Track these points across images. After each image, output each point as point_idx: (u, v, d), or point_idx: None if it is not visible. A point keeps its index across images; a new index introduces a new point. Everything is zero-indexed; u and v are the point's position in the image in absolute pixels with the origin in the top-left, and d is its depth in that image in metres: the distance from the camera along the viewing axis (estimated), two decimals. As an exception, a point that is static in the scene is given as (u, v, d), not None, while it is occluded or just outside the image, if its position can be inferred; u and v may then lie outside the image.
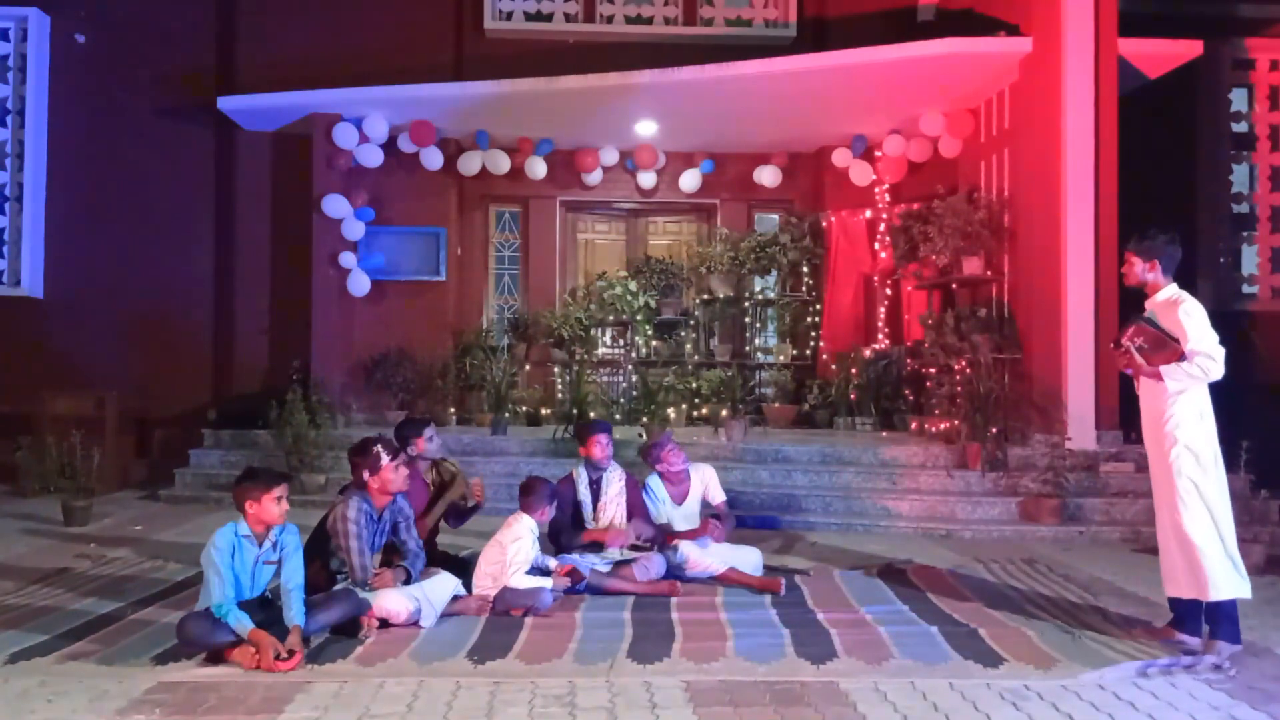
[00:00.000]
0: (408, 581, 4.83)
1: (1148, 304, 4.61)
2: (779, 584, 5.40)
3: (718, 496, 5.98)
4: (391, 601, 4.64)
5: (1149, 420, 4.54)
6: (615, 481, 5.71)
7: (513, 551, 5.00)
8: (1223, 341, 4.39)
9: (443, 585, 4.88)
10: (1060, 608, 5.10)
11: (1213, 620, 4.38)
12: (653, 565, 5.47)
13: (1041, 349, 8.39)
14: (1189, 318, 4.40)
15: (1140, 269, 4.59)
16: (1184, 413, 4.40)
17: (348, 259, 10.18)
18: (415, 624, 4.67)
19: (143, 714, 3.56)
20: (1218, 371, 4.37)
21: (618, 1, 11.05)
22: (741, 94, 9.42)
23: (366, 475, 4.83)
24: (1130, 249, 4.64)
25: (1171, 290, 4.56)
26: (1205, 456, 4.39)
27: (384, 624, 4.62)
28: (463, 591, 5.00)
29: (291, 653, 4.03)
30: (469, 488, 5.71)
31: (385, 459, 4.84)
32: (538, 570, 5.13)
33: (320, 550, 4.79)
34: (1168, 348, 4.41)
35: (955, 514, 7.53)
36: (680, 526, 5.84)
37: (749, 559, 5.75)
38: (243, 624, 4.05)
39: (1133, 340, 4.50)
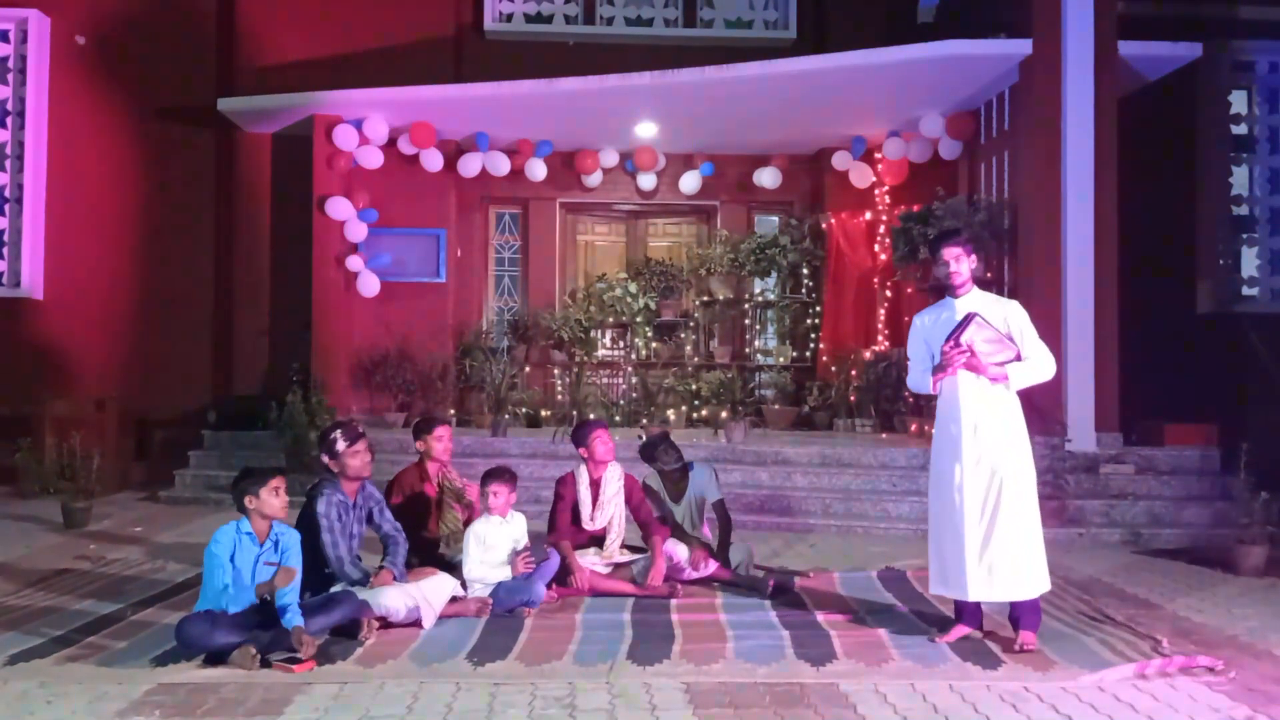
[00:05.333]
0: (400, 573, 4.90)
1: (962, 303, 4.51)
2: (769, 585, 5.42)
3: (713, 495, 5.99)
4: (390, 599, 4.66)
5: (998, 422, 4.43)
6: (614, 481, 5.68)
7: (465, 543, 5.08)
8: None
9: (441, 585, 4.89)
10: (1060, 609, 5.09)
11: (1032, 610, 4.46)
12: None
13: (1041, 350, 8.38)
14: (1024, 317, 4.49)
15: (968, 265, 4.50)
16: (1019, 413, 4.50)
17: (351, 261, 10.18)
18: (416, 623, 4.69)
19: (142, 715, 3.56)
20: (1053, 369, 4.51)
21: (618, 3, 11.07)
22: (741, 96, 9.43)
23: (325, 459, 4.88)
24: (962, 246, 4.49)
25: (977, 290, 4.57)
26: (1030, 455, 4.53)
27: (385, 624, 4.63)
28: (461, 592, 5.01)
29: (303, 660, 4.07)
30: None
31: (341, 443, 4.86)
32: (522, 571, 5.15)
33: (309, 550, 4.80)
34: (1005, 347, 4.42)
35: (955, 516, 7.51)
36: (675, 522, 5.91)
37: (736, 554, 5.80)
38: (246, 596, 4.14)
39: (972, 339, 4.40)
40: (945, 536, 4.52)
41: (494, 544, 5.14)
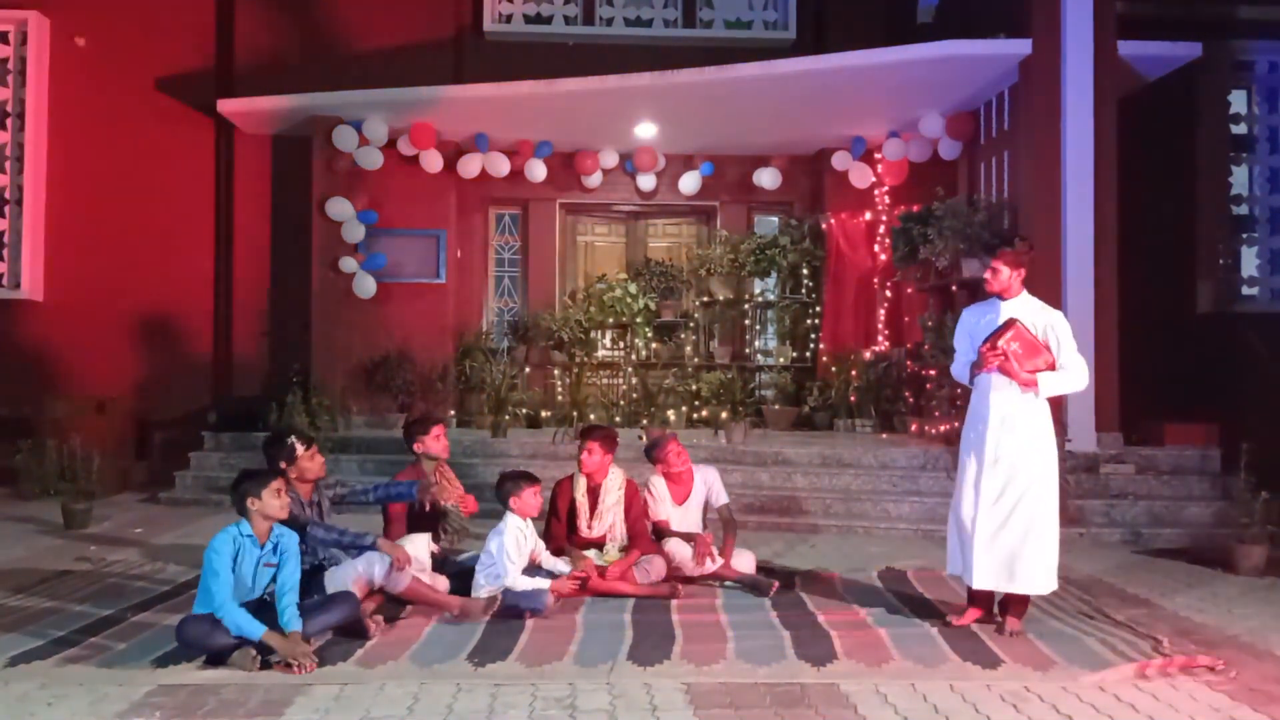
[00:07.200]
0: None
1: (1007, 306, 4.65)
2: (772, 586, 5.41)
3: (720, 499, 5.96)
4: (376, 561, 4.80)
5: (1023, 424, 4.59)
6: (614, 490, 5.60)
7: (497, 552, 5.02)
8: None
9: (415, 549, 5.04)
10: (1060, 609, 5.09)
11: (1021, 600, 4.68)
12: (653, 567, 5.46)
13: (1041, 351, 8.39)
14: (1065, 328, 4.62)
15: (1007, 275, 4.65)
16: (1048, 417, 4.65)
17: (348, 262, 10.18)
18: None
19: (143, 717, 3.56)
20: (1085, 382, 4.65)
21: (617, 4, 11.07)
22: (741, 96, 9.43)
23: (284, 465, 4.91)
24: (1001, 256, 4.63)
25: (1026, 295, 4.71)
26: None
27: (390, 619, 4.67)
28: (434, 546, 5.26)
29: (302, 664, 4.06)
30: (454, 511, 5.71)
31: (300, 449, 4.97)
32: (546, 575, 5.14)
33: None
34: (1040, 354, 4.55)
35: (955, 516, 7.52)
36: (677, 526, 5.83)
37: (741, 561, 5.76)
38: (253, 628, 4.04)
39: (1009, 344, 4.53)
40: (961, 523, 4.70)
41: (523, 549, 5.14)
